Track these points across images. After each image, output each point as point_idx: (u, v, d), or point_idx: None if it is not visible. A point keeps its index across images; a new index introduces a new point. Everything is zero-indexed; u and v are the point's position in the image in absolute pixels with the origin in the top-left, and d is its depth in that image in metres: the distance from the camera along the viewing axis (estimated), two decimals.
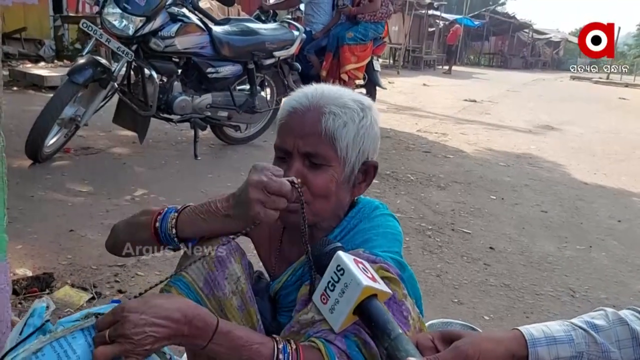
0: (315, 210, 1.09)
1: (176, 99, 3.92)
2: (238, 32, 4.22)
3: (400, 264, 1.07)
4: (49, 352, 0.84)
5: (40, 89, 6.51)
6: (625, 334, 0.88)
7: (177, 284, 1.12)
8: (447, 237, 3.14)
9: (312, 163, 1.07)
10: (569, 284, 2.66)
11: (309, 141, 1.06)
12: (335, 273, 0.91)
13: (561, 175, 5.15)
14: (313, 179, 1.07)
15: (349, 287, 0.89)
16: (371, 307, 0.88)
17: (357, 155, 1.10)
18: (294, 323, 0.99)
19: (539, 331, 0.90)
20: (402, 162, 4.85)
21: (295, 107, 1.08)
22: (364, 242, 1.08)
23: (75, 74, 3.37)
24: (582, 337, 0.88)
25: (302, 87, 1.15)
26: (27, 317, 0.92)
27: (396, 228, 1.16)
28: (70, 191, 3.15)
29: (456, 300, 2.36)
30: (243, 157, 4.48)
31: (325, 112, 1.06)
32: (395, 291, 0.98)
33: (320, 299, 0.93)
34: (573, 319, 0.94)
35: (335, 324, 0.91)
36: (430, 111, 8.73)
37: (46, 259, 2.22)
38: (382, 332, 0.86)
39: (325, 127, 1.05)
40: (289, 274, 1.16)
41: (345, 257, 0.92)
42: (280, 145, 1.10)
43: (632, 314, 0.92)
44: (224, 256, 1.14)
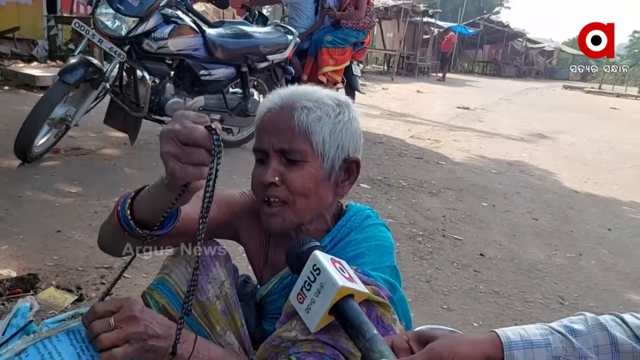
0: (296, 209, 1.07)
1: (168, 101, 3.89)
2: (232, 35, 4.21)
3: (391, 285, 1.05)
4: (33, 353, 0.83)
5: (32, 89, 6.46)
6: (605, 340, 0.86)
7: (160, 288, 1.11)
8: (438, 243, 3.13)
9: (288, 160, 1.05)
10: (559, 292, 2.66)
11: (282, 137, 1.04)
12: (311, 273, 0.90)
13: (552, 183, 5.17)
14: (291, 177, 1.05)
15: (324, 287, 0.87)
16: (347, 307, 0.87)
17: (335, 151, 1.07)
18: (275, 337, 0.97)
19: (516, 334, 0.88)
20: (394, 168, 4.85)
21: (270, 107, 1.07)
22: (356, 257, 1.06)
23: (66, 73, 3.34)
24: (560, 342, 0.86)
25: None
26: (10, 317, 0.90)
27: (388, 239, 1.14)
28: (59, 192, 3.11)
29: (445, 306, 2.35)
30: (235, 160, 4.45)
31: (297, 107, 1.05)
32: (385, 315, 0.97)
33: (297, 298, 0.92)
34: (552, 323, 0.92)
35: (312, 324, 0.90)
36: (423, 118, 8.75)
37: (32, 260, 2.19)
38: (357, 333, 0.85)
39: (298, 122, 1.04)
40: (276, 281, 1.14)
41: (322, 256, 0.90)
42: (256, 146, 1.09)
43: (612, 320, 0.91)
44: (207, 260, 1.12)
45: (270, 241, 1.18)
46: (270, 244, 1.18)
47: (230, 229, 1.20)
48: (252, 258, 1.22)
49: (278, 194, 1.05)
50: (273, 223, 1.07)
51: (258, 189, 1.08)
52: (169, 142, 0.78)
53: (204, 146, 0.78)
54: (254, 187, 1.10)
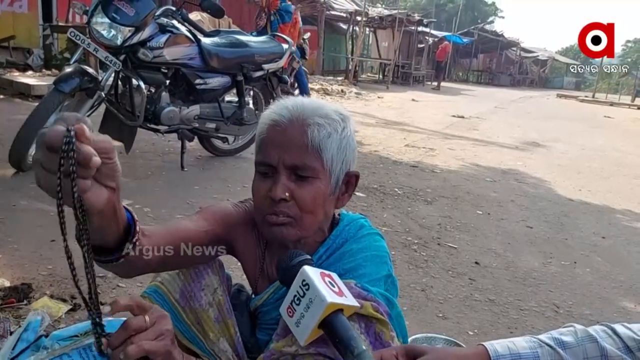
0: (302, 225, 1.07)
1: (164, 110, 3.89)
2: (227, 44, 4.22)
3: (389, 301, 1.06)
4: None
5: (27, 98, 6.46)
6: (594, 352, 0.86)
7: (153, 295, 1.11)
8: (433, 251, 3.14)
9: (298, 176, 1.05)
10: (553, 300, 2.67)
11: (295, 153, 1.03)
12: (300, 288, 0.90)
13: (547, 191, 5.19)
14: (301, 193, 1.04)
15: (313, 303, 0.88)
16: (336, 322, 0.88)
17: (341, 166, 1.09)
18: (275, 351, 0.97)
19: (504, 347, 0.88)
20: (389, 176, 4.86)
21: (277, 120, 1.05)
22: (353, 269, 1.07)
23: (61, 82, 3.34)
24: (548, 355, 0.87)
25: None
26: (21, 331, 0.89)
27: (383, 248, 1.15)
28: (53, 201, 3.08)
29: (441, 314, 2.35)
30: (230, 169, 4.46)
31: (310, 123, 1.04)
32: (383, 332, 0.98)
33: (287, 312, 0.93)
34: (540, 335, 0.93)
35: (301, 338, 0.91)
36: (418, 126, 8.78)
37: (26, 269, 2.18)
38: (346, 349, 0.85)
39: (311, 139, 1.03)
40: (271, 292, 1.15)
41: (311, 271, 0.91)
42: (263, 160, 1.06)
43: (603, 331, 0.91)
44: (200, 267, 1.13)
45: (266, 251, 1.18)
46: (266, 254, 1.18)
47: (227, 243, 1.18)
48: (247, 268, 1.22)
49: (287, 210, 1.04)
50: (278, 234, 1.06)
51: (264, 203, 1.06)
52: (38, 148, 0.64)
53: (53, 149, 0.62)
54: (257, 200, 1.08)
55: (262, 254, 1.18)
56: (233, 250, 1.18)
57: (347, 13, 18.65)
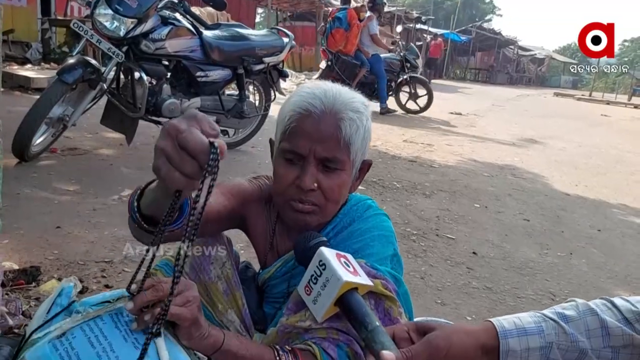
0: (326, 213, 1.11)
1: (165, 102, 3.93)
2: (228, 37, 4.26)
3: (396, 280, 1.10)
4: (80, 335, 0.84)
5: (27, 91, 6.48)
6: (595, 324, 0.89)
7: (164, 268, 1.15)
8: (432, 242, 3.18)
9: (326, 167, 1.07)
10: (550, 288, 2.72)
11: (327, 147, 1.05)
12: (317, 267, 0.95)
13: (543, 186, 5.24)
14: (328, 184, 1.07)
15: (330, 282, 0.93)
16: (351, 300, 0.92)
17: (361, 157, 1.13)
18: (288, 325, 1.02)
19: (510, 323, 0.92)
20: (388, 171, 4.91)
21: (310, 110, 1.05)
22: (362, 249, 1.11)
23: (65, 73, 3.37)
24: (552, 328, 0.90)
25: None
26: (55, 296, 0.92)
27: (389, 229, 1.19)
28: (57, 190, 3.14)
29: (439, 301, 2.40)
30: (230, 162, 4.49)
31: (343, 117, 1.05)
32: (391, 308, 1.03)
33: (305, 291, 0.97)
34: (544, 310, 0.96)
35: (318, 314, 0.96)
36: (416, 123, 8.82)
37: (33, 254, 2.21)
38: (360, 324, 0.89)
39: (344, 134, 1.05)
40: (279, 265, 1.19)
41: (328, 252, 0.95)
42: (292, 148, 1.06)
43: (603, 304, 0.95)
44: (209, 242, 1.17)
45: (276, 227, 1.22)
46: (277, 229, 1.22)
47: (240, 217, 1.22)
48: (257, 243, 1.26)
49: (313, 199, 1.07)
50: (301, 222, 1.09)
51: (289, 189, 1.08)
52: (167, 139, 0.66)
53: (198, 160, 0.66)
54: (281, 186, 1.09)
55: (272, 229, 1.22)
56: (245, 224, 1.22)
57: None
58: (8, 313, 1.52)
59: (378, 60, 8.83)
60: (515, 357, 0.88)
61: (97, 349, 0.81)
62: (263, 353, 0.95)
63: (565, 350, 0.89)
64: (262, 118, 4.91)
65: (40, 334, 0.86)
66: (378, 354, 0.84)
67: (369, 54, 8.72)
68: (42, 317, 0.89)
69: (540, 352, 0.88)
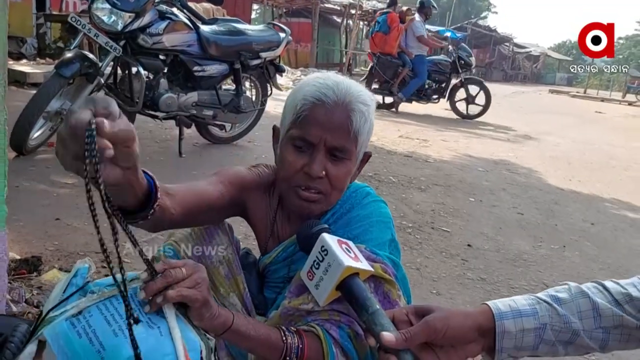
0: (330, 201, 1.14)
1: (162, 96, 3.95)
2: (225, 32, 4.28)
3: (395, 264, 1.14)
4: (96, 313, 0.86)
5: (23, 86, 6.48)
6: (587, 306, 0.93)
7: (167, 252, 1.18)
8: (427, 234, 3.22)
9: (334, 156, 1.10)
10: (543, 279, 2.76)
11: (337, 136, 1.08)
12: (319, 253, 0.98)
13: (537, 180, 5.29)
14: (335, 172, 1.10)
15: (331, 267, 0.96)
16: (352, 284, 0.95)
17: (364, 148, 1.17)
18: (291, 308, 1.05)
19: (506, 305, 0.95)
20: (384, 165, 4.94)
21: (322, 100, 1.07)
22: (361, 234, 1.14)
23: (62, 67, 3.38)
24: (546, 310, 0.93)
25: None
26: (70, 276, 0.95)
27: (387, 215, 1.22)
28: (55, 183, 3.16)
29: (435, 291, 2.44)
30: (227, 156, 4.52)
31: (354, 109, 1.08)
32: (390, 291, 1.06)
33: (307, 276, 1.00)
34: (538, 294, 0.99)
35: (320, 299, 0.99)
36: (411, 118, 8.85)
37: (33, 245, 2.24)
38: (361, 308, 0.93)
39: (354, 125, 1.08)
40: (279, 250, 1.22)
41: (330, 238, 0.99)
42: (304, 136, 1.09)
43: (594, 287, 0.98)
44: (211, 227, 1.20)
45: (277, 213, 1.25)
46: (278, 215, 1.25)
47: (240, 205, 1.24)
48: (258, 231, 1.29)
49: (320, 187, 1.10)
50: (305, 209, 1.12)
51: (296, 176, 1.10)
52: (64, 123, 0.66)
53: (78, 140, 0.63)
54: (288, 172, 1.11)
55: (273, 216, 1.25)
56: (245, 211, 1.25)
57: (342, 6, 18.68)
58: (12, 300, 1.55)
59: (421, 61, 9.11)
60: (511, 338, 0.91)
61: (113, 326, 0.84)
62: (270, 333, 0.97)
63: (559, 331, 0.92)
64: (259, 113, 4.94)
65: (56, 312, 0.88)
66: (378, 335, 0.88)
67: (412, 54, 9.00)
68: (58, 296, 0.92)
69: (535, 333, 0.91)
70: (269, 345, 0.97)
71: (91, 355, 0.82)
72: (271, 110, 5.62)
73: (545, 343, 0.92)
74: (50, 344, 0.84)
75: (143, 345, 0.82)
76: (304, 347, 0.97)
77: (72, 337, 0.83)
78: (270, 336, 0.97)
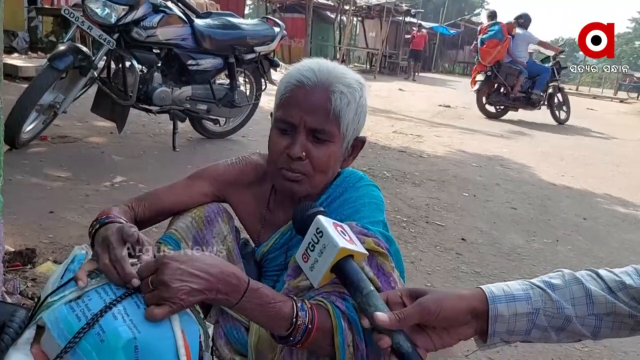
0: (314, 183, 1.15)
1: (156, 90, 3.93)
2: (220, 26, 4.26)
3: (388, 239, 1.14)
4: (95, 298, 0.87)
5: (15, 79, 6.42)
6: (580, 292, 0.93)
7: (168, 241, 1.18)
8: (421, 228, 3.24)
9: (316, 138, 1.12)
10: (536, 273, 2.76)
11: (316, 118, 1.10)
12: (315, 235, 0.98)
13: (530, 176, 5.32)
14: (317, 154, 1.12)
15: (326, 248, 0.95)
16: (346, 266, 0.95)
17: (353, 132, 1.17)
18: (291, 288, 1.05)
19: (500, 289, 0.95)
20: (378, 160, 4.95)
21: (303, 82, 1.10)
22: (353, 213, 1.14)
23: (56, 60, 3.36)
24: (539, 295, 0.93)
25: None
26: (68, 263, 0.95)
27: (379, 197, 1.23)
28: (48, 176, 3.14)
29: (429, 284, 2.45)
30: (221, 150, 4.51)
31: (334, 90, 1.09)
32: (384, 264, 1.06)
33: (302, 258, 1.00)
34: (532, 279, 1.00)
35: (314, 281, 0.98)
36: (405, 114, 8.87)
37: (27, 238, 2.23)
38: (355, 289, 0.93)
39: (334, 105, 1.09)
40: (276, 237, 1.22)
41: (325, 220, 0.98)
42: (285, 118, 1.11)
43: (587, 274, 0.99)
44: (211, 216, 1.20)
45: (270, 202, 1.25)
46: (270, 204, 1.26)
47: (223, 200, 1.29)
48: (247, 224, 1.29)
49: (301, 168, 1.12)
50: (289, 189, 1.14)
51: (280, 157, 1.12)
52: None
53: None
54: (274, 154, 1.14)
55: (266, 204, 1.25)
56: (231, 206, 1.29)
57: (335, 1, 18.66)
58: (6, 292, 1.54)
59: (533, 63, 9.80)
60: (504, 322, 0.91)
61: (112, 310, 0.84)
62: (284, 299, 0.94)
63: (551, 316, 0.92)
64: (253, 107, 4.93)
65: (55, 298, 0.88)
66: (372, 316, 0.88)
67: (524, 62, 9.58)
68: (57, 282, 0.92)
69: (527, 318, 0.92)
70: (279, 316, 0.93)
71: (91, 338, 0.82)
72: (265, 106, 5.61)
73: (538, 328, 0.92)
74: (50, 328, 0.84)
75: (143, 328, 0.83)
76: (314, 319, 0.95)
77: (71, 320, 0.84)
78: (285, 302, 0.94)
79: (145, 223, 1.19)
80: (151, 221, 1.21)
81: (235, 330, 1.18)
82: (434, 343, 0.91)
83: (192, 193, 1.24)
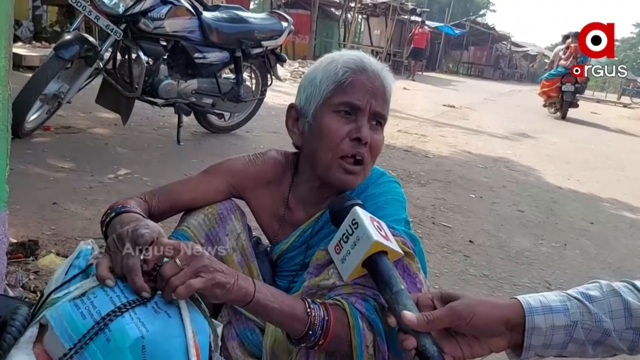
0: (366, 171, 1.13)
1: (162, 82, 3.89)
2: (227, 19, 4.21)
3: (412, 239, 1.10)
4: (101, 295, 0.83)
5: (19, 69, 6.36)
6: (618, 305, 0.89)
7: (179, 239, 1.13)
8: (428, 229, 3.19)
9: (376, 122, 1.11)
10: (545, 277, 2.74)
11: (380, 101, 1.10)
12: (350, 226, 0.95)
13: (536, 179, 5.28)
14: (375, 139, 1.10)
15: (360, 241, 0.93)
16: (379, 261, 0.92)
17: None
18: (312, 286, 1.01)
19: (536, 300, 0.91)
20: (383, 159, 4.90)
21: (365, 67, 1.09)
22: (377, 210, 1.10)
23: (62, 49, 3.32)
24: (577, 307, 0.89)
25: None
26: (72, 258, 0.91)
27: (401, 194, 1.21)
28: (52, 167, 3.10)
29: (437, 286, 2.41)
30: (226, 145, 4.47)
31: (387, 76, 1.12)
32: (410, 264, 1.02)
33: (335, 249, 0.98)
34: (569, 290, 0.96)
35: (345, 274, 0.96)
36: (410, 114, 8.82)
37: (30, 229, 2.19)
38: (385, 286, 0.90)
39: (389, 89, 1.12)
40: (297, 235, 1.18)
41: (362, 213, 0.96)
42: (350, 100, 1.08)
43: (624, 286, 0.95)
44: (224, 213, 1.16)
45: (288, 200, 1.21)
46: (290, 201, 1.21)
47: (239, 196, 1.23)
48: (264, 222, 1.25)
49: (365, 154, 1.08)
50: (348, 183, 1.10)
51: (342, 143, 1.08)
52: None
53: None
54: (334, 141, 1.08)
55: (285, 203, 1.21)
56: (247, 204, 1.24)
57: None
58: (8, 285, 1.50)
59: None
60: (540, 335, 0.87)
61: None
62: (294, 305, 0.91)
63: (589, 330, 0.88)
64: (258, 103, 4.88)
65: (59, 294, 0.84)
66: (399, 315, 0.85)
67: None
68: (61, 278, 0.88)
69: (565, 331, 0.87)
70: (293, 317, 0.91)
71: (97, 336, 0.78)
72: (270, 101, 5.57)
73: (575, 342, 0.88)
74: (53, 326, 0.80)
75: (151, 327, 0.80)
76: (330, 319, 0.92)
77: (76, 318, 0.80)
78: (294, 308, 0.91)
79: (159, 217, 1.14)
80: (165, 215, 1.16)
81: (250, 331, 1.14)
82: (463, 351, 0.87)
83: (207, 188, 1.18)
